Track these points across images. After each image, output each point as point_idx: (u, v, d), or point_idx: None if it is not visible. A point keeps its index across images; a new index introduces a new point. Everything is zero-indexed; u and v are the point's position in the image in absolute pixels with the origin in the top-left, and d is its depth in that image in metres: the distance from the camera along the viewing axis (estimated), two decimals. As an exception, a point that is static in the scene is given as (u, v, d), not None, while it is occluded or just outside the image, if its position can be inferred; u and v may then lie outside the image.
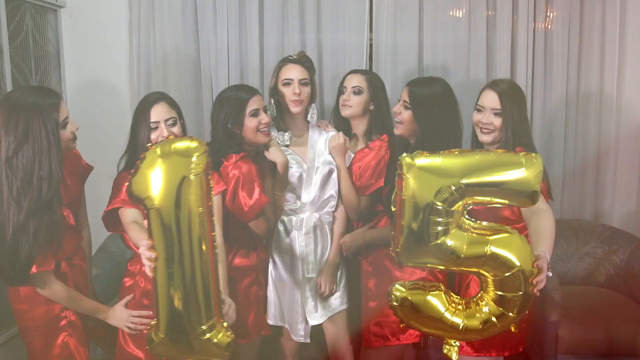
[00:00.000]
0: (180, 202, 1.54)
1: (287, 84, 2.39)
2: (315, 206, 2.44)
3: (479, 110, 2.18)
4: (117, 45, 3.26)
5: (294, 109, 2.39)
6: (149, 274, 1.60)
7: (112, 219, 2.09)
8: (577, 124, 3.22)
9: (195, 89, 3.26)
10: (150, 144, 1.62)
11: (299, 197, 2.43)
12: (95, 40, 3.26)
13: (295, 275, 2.43)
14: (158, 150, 1.58)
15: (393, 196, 1.59)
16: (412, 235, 1.56)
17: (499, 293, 1.60)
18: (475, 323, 1.65)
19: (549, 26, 3.16)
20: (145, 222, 1.61)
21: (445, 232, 1.55)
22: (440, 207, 1.51)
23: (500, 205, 1.60)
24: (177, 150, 1.57)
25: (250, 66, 3.20)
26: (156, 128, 2.06)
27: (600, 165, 3.25)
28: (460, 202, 1.53)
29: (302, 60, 2.44)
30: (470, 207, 1.59)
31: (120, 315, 2.05)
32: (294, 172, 2.40)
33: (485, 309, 1.64)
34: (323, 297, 2.42)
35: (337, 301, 2.45)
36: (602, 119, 3.21)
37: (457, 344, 1.76)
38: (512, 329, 1.68)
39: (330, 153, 2.45)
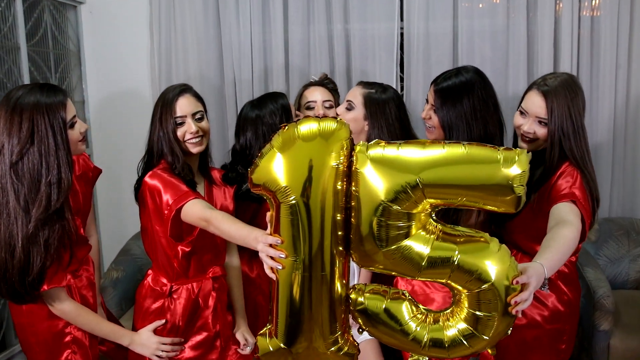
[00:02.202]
0: (326, 197, 1.33)
1: (311, 107, 2.25)
2: None
3: (522, 114, 1.88)
4: (138, 42, 3.17)
5: None
6: (271, 275, 1.42)
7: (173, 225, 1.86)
8: (627, 116, 3.00)
9: (219, 86, 3.16)
10: (285, 124, 1.40)
11: None
12: (116, 36, 3.18)
13: (349, 321, 2.24)
14: (299, 131, 1.35)
15: (347, 192, 1.39)
16: (366, 238, 1.36)
17: (472, 311, 1.36)
18: (440, 340, 1.42)
19: (596, 10, 2.94)
20: (269, 214, 1.42)
21: (404, 236, 1.34)
22: (395, 209, 1.31)
23: (475, 208, 1.38)
24: (324, 133, 1.34)
25: (275, 61, 3.07)
26: (182, 123, 1.88)
27: (653, 159, 3.01)
28: (422, 203, 1.32)
29: (325, 82, 2.32)
30: (439, 208, 1.37)
31: (147, 343, 1.89)
32: None
33: (454, 327, 1.41)
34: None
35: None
36: (655, 109, 2.97)
37: (425, 359, 1.55)
38: (490, 351, 1.44)
39: None
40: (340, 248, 1.40)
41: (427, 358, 1.53)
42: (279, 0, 3.02)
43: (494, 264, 1.32)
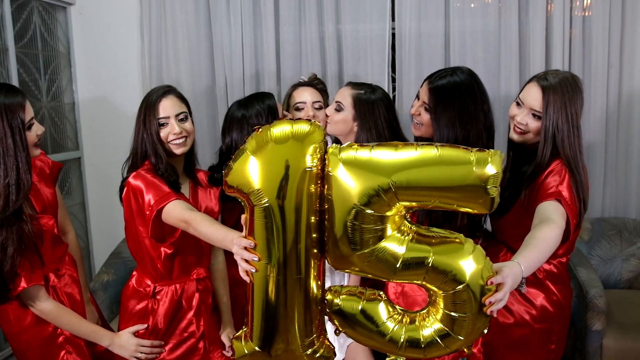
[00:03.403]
0: (299, 200, 1.33)
1: (300, 108, 2.22)
2: None
3: (518, 104, 1.88)
4: (129, 43, 3.15)
5: None
6: (245, 277, 1.41)
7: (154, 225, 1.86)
8: (619, 115, 3.00)
9: (210, 87, 3.14)
10: (258, 126, 1.40)
11: None
12: (107, 37, 3.16)
13: (324, 324, 2.24)
14: (272, 134, 1.35)
15: (320, 195, 1.39)
16: (339, 241, 1.35)
17: (447, 311, 1.36)
18: (416, 341, 1.42)
19: (587, 10, 2.94)
20: (244, 217, 1.41)
21: (379, 239, 1.34)
22: (369, 212, 1.31)
23: (450, 210, 1.37)
24: (297, 135, 1.34)
25: (266, 62, 3.06)
26: (165, 124, 1.88)
27: (646, 159, 3.01)
28: (397, 206, 1.32)
29: (315, 83, 2.29)
30: (413, 210, 1.37)
31: (127, 345, 1.89)
32: None
33: (430, 327, 1.41)
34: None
35: None
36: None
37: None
38: (466, 350, 1.44)
39: None
40: (315, 250, 1.40)
41: (404, 359, 1.53)
42: (270, 1, 3.01)
43: (468, 265, 1.32)
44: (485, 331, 1.40)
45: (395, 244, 1.34)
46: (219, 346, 2.04)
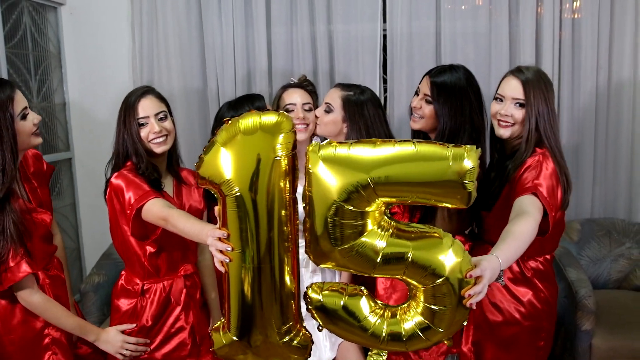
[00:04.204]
0: (269, 188, 1.36)
1: (290, 109, 2.21)
2: None
3: (498, 100, 1.93)
4: (120, 43, 3.14)
5: (299, 135, 2.17)
6: (220, 268, 1.45)
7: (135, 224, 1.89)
8: (608, 117, 3.02)
9: (201, 88, 3.14)
10: (227, 118, 1.43)
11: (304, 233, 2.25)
12: (98, 38, 3.14)
13: (301, 314, 2.25)
14: (240, 125, 1.38)
15: (303, 192, 1.42)
16: (321, 237, 1.38)
17: (427, 305, 1.39)
18: (398, 334, 1.45)
19: (577, 12, 2.96)
20: (217, 209, 1.44)
21: (359, 234, 1.37)
22: (349, 208, 1.34)
23: (428, 205, 1.41)
24: (264, 126, 1.37)
25: (258, 62, 3.05)
26: (145, 124, 1.91)
27: (634, 160, 3.04)
28: (377, 202, 1.35)
29: (304, 84, 2.28)
30: (393, 205, 1.40)
31: (113, 340, 1.91)
32: (299, 208, 2.21)
33: (411, 320, 1.44)
34: None
35: None
36: (636, 110, 3.00)
37: (384, 353, 1.57)
38: (446, 342, 1.48)
39: None
40: (287, 243, 1.42)
41: (386, 353, 1.56)
42: (261, 1, 3.00)
43: (447, 259, 1.35)
44: (465, 323, 1.43)
45: (375, 239, 1.37)
46: (209, 341, 2.06)
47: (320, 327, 1.54)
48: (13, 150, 1.69)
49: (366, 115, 2.13)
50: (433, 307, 1.38)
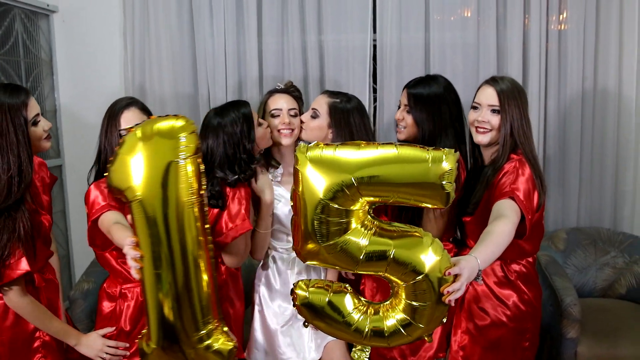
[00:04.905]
0: (167, 191, 1.40)
1: (276, 115, 2.24)
2: None
3: (474, 108, 2.03)
4: (112, 51, 3.16)
5: (285, 140, 2.23)
6: (136, 276, 1.48)
7: (95, 234, 1.98)
8: (594, 127, 3.07)
9: (192, 95, 3.15)
10: (128, 127, 1.47)
11: (290, 235, 2.27)
12: (89, 46, 3.16)
13: (286, 316, 2.27)
14: (138, 133, 1.43)
15: (291, 191, 1.49)
16: (308, 235, 1.44)
17: (409, 301, 1.46)
18: (380, 330, 1.51)
19: (563, 24, 3.01)
20: (129, 217, 1.48)
21: (344, 231, 1.43)
22: (334, 207, 1.40)
23: (408, 206, 1.48)
24: (161, 131, 1.42)
25: (249, 71, 3.08)
26: None
27: (619, 170, 3.09)
28: (360, 201, 1.41)
29: (290, 90, 2.31)
30: (376, 205, 1.46)
31: (93, 344, 1.94)
32: (285, 209, 2.24)
33: (393, 317, 1.50)
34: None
35: None
36: (621, 121, 3.05)
37: (368, 349, 1.62)
38: (426, 339, 1.54)
39: None
40: (201, 238, 1.44)
41: (369, 349, 1.61)
42: (253, 11, 3.03)
43: (427, 257, 1.41)
44: (444, 320, 1.48)
45: (358, 237, 1.43)
46: None
47: (306, 323, 1.58)
48: (29, 153, 1.77)
49: (352, 123, 2.18)
50: (414, 303, 1.44)
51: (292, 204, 1.47)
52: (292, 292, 1.56)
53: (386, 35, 3.03)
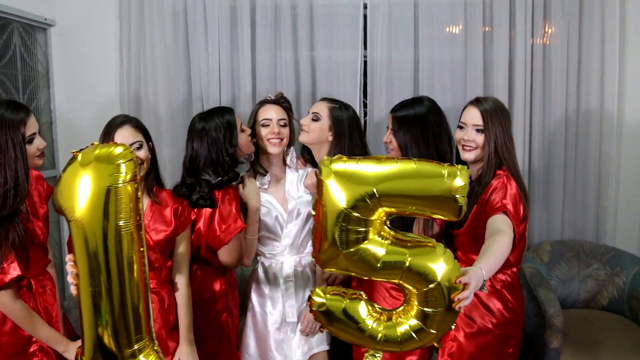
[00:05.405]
0: (105, 214, 1.46)
1: (266, 124, 2.33)
2: (295, 249, 2.38)
3: (460, 128, 2.13)
4: (108, 65, 3.21)
5: (273, 149, 2.32)
6: (73, 292, 1.54)
7: None
8: (577, 143, 3.15)
9: (187, 109, 3.21)
10: (74, 151, 1.56)
11: (278, 241, 2.37)
12: (86, 59, 3.21)
13: (276, 320, 2.36)
14: (79, 157, 1.51)
15: (313, 200, 1.57)
16: (329, 242, 1.52)
17: (421, 308, 1.54)
18: (393, 335, 1.58)
19: (547, 41, 3.11)
20: (69, 236, 1.55)
21: (362, 240, 1.50)
22: (355, 215, 1.48)
23: (424, 217, 1.57)
24: (99, 157, 1.49)
25: (242, 85, 3.15)
26: None
27: (601, 186, 3.18)
28: (379, 211, 1.49)
29: (281, 100, 2.40)
30: (393, 216, 1.54)
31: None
32: (272, 216, 2.34)
33: (406, 323, 1.58)
34: (306, 337, 2.36)
35: (319, 340, 2.38)
36: (603, 138, 3.14)
37: (379, 355, 1.70)
38: (436, 344, 1.61)
39: (307, 190, 2.39)
40: (130, 262, 1.50)
41: (381, 354, 1.68)
42: (247, 27, 3.10)
43: (439, 266, 1.49)
44: (453, 326, 1.56)
45: (376, 246, 1.51)
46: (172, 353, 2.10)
47: (322, 329, 1.66)
48: (26, 169, 1.83)
49: (350, 128, 2.35)
50: (426, 309, 1.52)
51: (314, 213, 1.54)
52: (309, 298, 1.64)
53: (376, 51, 3.10)
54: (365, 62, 3.15)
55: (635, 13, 3.10)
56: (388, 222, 1.55)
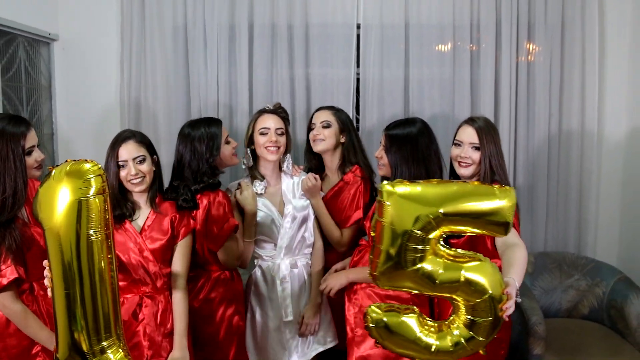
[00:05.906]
0: (75, 224, 1.56)
1: (264, 133, 2.44)
2: (291, 251, 2.49)
3: (457, 145, 2.25)
4: (109, 79, 3.30)
5: (270, 156, 2.44)
6: (50, 294, 1.63)
7: None
8: (559, 159, 3.30)
9: (185, 122, 3.28)
10: (50, 167, 1.66)
11: (274, 244, 2.48)
12: (87, 73, 3.31)
13: (274, 321, 2.46)
14: (53, 172, 1.61)
15: (373, 221, 1.63)
16: (390, 260, 1.60)
17: (470, 317, 1.64)
18: (446, 345, 1.68)
19: (531, 59, 3.25)
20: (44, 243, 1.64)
21: (422, 259, 1.59)
22: (418, 235, 1.56)
23: (473, 234, 1.66)
24: (70, 173, 1.58)
25: (240, 101, 3.26)
26: (124, 166, 2.13)
27: (582, 200, 3.31)
28: (438, 231, 1.58)
29: (278, 110, 2.52)
30: (446, 235, 1.63)
31: None
32: (268, 220, 2.46)
33: (456, 332, 1.67)
34: (305, 337, 2.46)
35: (322, 340, 2.49)
36: (584, 155, 3.28)
37: None
38: (481, 352, 1.71)
39: (304, 195, 2.51)
40: (99, 269, 1.60)
41: None
42: (245, 44, 3.22)
43: (490, 279, 1.60)
44: (495, 335, 1.67)
45: (434, 264, 1.60)
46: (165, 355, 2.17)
47: (377, 344, 1.74)
48: (24, 180, 1.94)
49: (350, 124, 2.59)
50: (476, 319, 1.62)
51: (373, 233, 1.61)
52: (365, 315, 1.72)
53: (369, 70, 3.23)
54: (357, 80, 3.27)
55: (614, 34, 3.27)
56: (441, 240, 1.64)
